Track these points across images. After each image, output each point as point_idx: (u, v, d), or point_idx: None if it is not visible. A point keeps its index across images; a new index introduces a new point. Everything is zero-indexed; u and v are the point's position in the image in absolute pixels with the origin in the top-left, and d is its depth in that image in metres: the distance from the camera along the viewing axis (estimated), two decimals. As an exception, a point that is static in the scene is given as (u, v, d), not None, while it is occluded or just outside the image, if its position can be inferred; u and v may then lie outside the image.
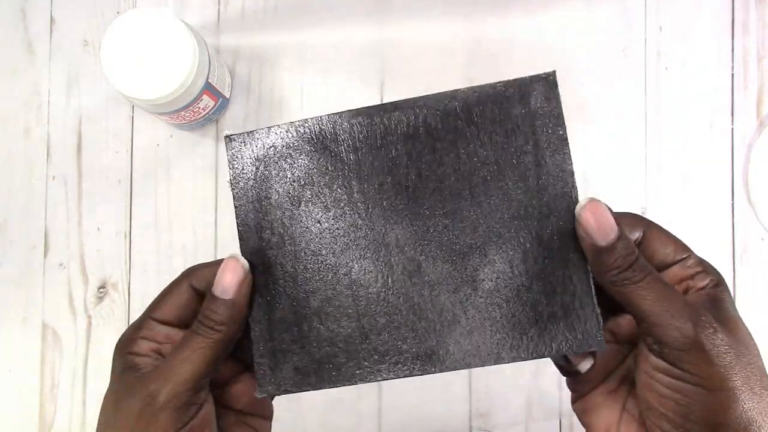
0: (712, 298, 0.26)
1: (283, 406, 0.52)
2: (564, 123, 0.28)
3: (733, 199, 0.53)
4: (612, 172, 0.53)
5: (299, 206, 0.30)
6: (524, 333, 0.28)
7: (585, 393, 0.30)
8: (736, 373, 0.24)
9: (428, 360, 0.28)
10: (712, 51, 0.54)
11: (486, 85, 0.28)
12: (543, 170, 0.28)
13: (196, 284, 0.29)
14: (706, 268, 0.28)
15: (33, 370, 0.53)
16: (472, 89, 0.28)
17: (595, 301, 0.28)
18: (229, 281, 0.28)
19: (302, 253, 0.29)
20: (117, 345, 0.29)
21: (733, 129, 0.54)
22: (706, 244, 0.53)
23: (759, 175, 0.53)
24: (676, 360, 0.25)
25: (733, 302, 0.27)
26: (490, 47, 0.54)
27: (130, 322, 0.53)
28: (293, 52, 0.54)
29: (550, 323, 0.28)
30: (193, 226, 0.53)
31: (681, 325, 0.25)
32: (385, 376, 0.28)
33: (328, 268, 0.29)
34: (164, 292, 0.29)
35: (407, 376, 0.28)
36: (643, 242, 0.28)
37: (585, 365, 0.30)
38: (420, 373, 0.28)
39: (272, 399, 0.32)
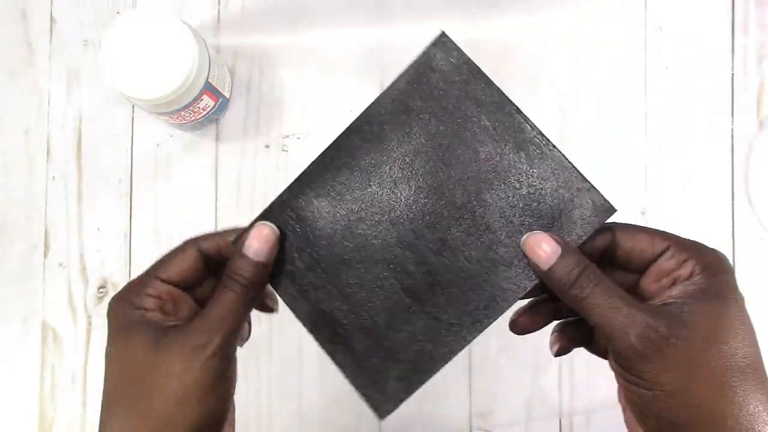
0: (698, 288, 0.27)
1: (283, 405, 0.52)
2: (478, 67, 0.31)
3: (733, 199, 0.53)
4: (612, 172, 0.53)
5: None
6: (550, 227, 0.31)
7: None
8: (689, 377, 0.25)
9: (490, 308, 0.31)
10: (712, 51, 0.54)
11: (401, 72, 0.31)
12: (489, 118, 0.31)
13: (205, 248, 0.31)
14: (695, 252, 0.28)
15: (33, 370, 0.53)
16: (397, 81, 0.31)
17: (586, 180, 0.31)
18: (260, 244, 0.29)
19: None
20: (118, 301, 0.30)
21: (733, 129, 0.54)
22: (706, 244, 0.53)
23: (759, 175, 0.53)
24: (627, 366, 0.26)
25: (725, 286, 0.27)
26: (490, 48, 0.54)
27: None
28: (293, 52, 0.54)
29: (565, 217, 0.30)
30: (193, 226, 0.53)
31: (623, 337, 0.26)
32: (468, 338, 0.31)
33: (379, 295, 0.31)
34: (169, 254, 0.31)
35: (486, 327, 0.31)
36: (616, 246, 0.29)
37: (554, 348, 0.33)
38: (492, 320, 0.31)
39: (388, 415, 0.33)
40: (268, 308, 0.35)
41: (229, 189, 0.54)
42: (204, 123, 0.52)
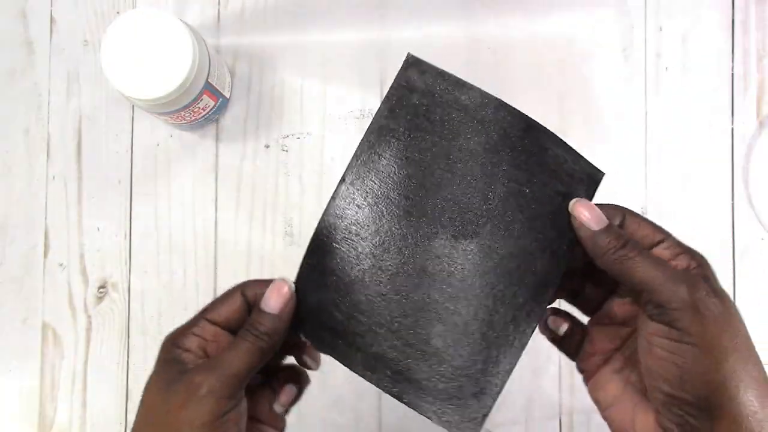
0: (699, 276, 0.29)
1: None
2: (453, 75, 0.32)
3: (733, 199, 0.53)
4: (612, 172, 0.53)
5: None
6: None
7: (593, 372, 0.34)
8: (727, 336, 0.27)
9: (537, 295, 0.32)
10: (712, 51, 0.54)
11: (382, 102, 0.32)
12: (477, 118, 0.32)
13: (247, 294, 0.32)
14: (686, 249, 0.31)
15: (33, 370, 0.53)
16: (381, 110, 0.32)
17: (576, 152, 0.33)
18: (276, 299, 0.31)
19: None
20: (168, 336, 0.32)
21: (733, 129, 0.54)
22: (706, 244, 0.53)
23: (759, 175, 0.53)
24: (673, 321, 0.28)
25: (718, 281, 0.29)
26: (491, 47, 0.54)
27: (130, 322, 0.53)
28: (293, 52, 0.54)
29: (570, 191, 0.32)
30: (193, 226, 0.53)
31: (677, 288, 0.28)
32: (528, 331, 0.32)
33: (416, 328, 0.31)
34: (220, 297, 0.33)
35: (541, 314, 0.32)
36: (624, 226, 0.31)
37: (562, 328, 0.35)
38: (543, 306, 0.32)
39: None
40: (307, 366, 0.36)
41: (229, 189, 0.54)
42: (204, 123, 0.52)
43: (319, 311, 0.32)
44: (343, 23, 0.54)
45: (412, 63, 0.32)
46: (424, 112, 0.32)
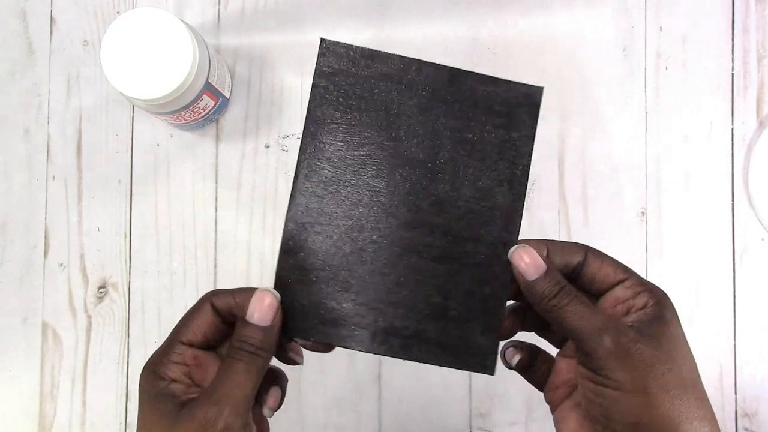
0: (652, 316, 0.30)
1: (283, 406, 0.52)
2: (369, 49, 0.33)
3: (733, 199, 0.53)
4: (612, 172, 0.53)
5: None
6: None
7: (558, 404, 0.34)
8: (651, 379, 0.28)
9: (508, 225, 0.33)
10: (712, 51, 0.54)
11: (310, 92, 0.33)
12: (403, 82, 0.33)
13: (218, 306, 0.31)
14: (647, 287, 0.31)
15: (33, 370, 0.53)
16: (312, 101, 0.33)
17: (505, 80, 0.34)
18: (264, 311, 0.30)
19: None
20: (146, 369, 0.30)
21: (733, 129, 0.54)
22: (706, 244, 0.53)
23: (759, 175, 0.53)
24: (597, 368, 0.29)
25: (673, 319, 0.30)
26: (491, 47, 0.54)
27: (130, 322, 0.53)
28: (293, 52, 0.54)
29: (511, 117, 0.34)
30: (194, 226, 0.53)
31: (601, 337, 0.29)
32: (505, 257, 0.32)
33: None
34: (188, 315, 0.31)
35: (514, 244, 0.33)
36: (585, 265, 0.32)
37: (514, 359, 0.35)
38: (517, 231, 0.33)
39: None
40: (293, 362, 0.35)
41: (229, 189, 0.54)
42: (204, 123, 0.52)
43: (313, 308, 0.32)
44: (343, 23, 0.54)
45: (327, 47, 0.34)
46: (352, 90, 0.33)
